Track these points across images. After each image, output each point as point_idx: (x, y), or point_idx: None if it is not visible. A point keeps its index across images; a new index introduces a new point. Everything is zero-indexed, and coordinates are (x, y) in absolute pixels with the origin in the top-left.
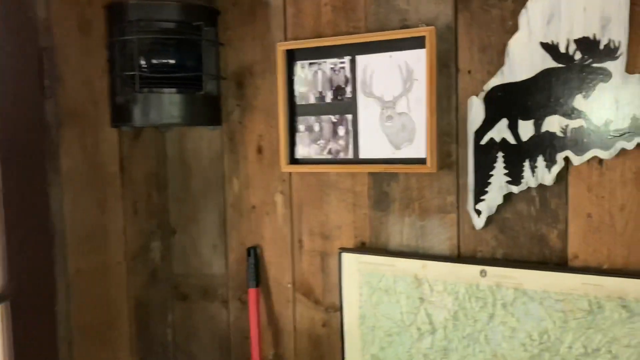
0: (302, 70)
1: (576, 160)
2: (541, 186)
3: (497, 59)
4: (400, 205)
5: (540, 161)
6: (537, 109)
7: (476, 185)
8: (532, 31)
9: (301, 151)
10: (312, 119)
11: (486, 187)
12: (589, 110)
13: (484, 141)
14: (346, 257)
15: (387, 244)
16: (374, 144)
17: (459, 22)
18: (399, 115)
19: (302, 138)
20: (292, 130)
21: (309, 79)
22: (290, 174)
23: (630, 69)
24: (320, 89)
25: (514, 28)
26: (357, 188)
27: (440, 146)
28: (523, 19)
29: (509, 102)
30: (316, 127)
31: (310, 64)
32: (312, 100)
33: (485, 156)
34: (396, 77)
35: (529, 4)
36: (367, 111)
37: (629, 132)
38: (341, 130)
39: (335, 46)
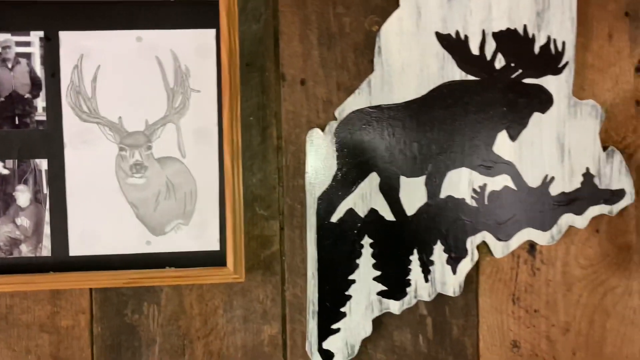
0: None
1: (498, 248)
2: (439, 298)
3: (358, 61)
4: (164, 351)
5: (439, 252)
6: (432, 156)
7: (323, 304)
8: (423, 12)
9: None
10: None
11: (342, 305)
12: (519, 160)
13: (336, 216)
14: None
15: None
16: (105, 224)
17: None
18: (161, 163)
19: None
20: None
21: None
22: None
23: (576, 90)
24: None
25: (389, 4)
26: (63, 322)
27: (249, 226)
28: None
29: (382, 142)
30: None
31: None
32: None
33: (339, 245)
34: (153, 82)
35: None
36: (86, 152)
37: (579, 199)
38: (23, 196)
39: (8, 5)
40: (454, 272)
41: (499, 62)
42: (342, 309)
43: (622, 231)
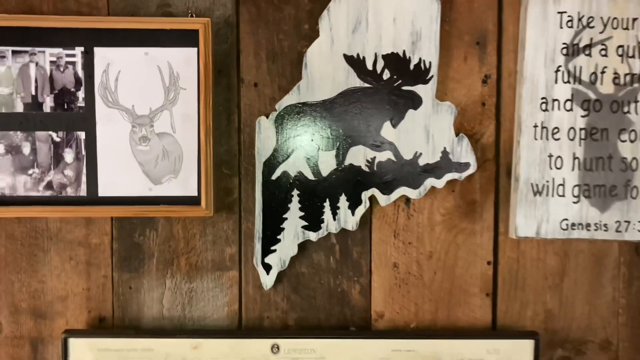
0: (1, 62)
1: (383, 200)
2: (343, 232)
3: (293, 72)
4: (159, 262)
5: (343, 201)
6: (340, 137)
7: (265, 233)
8: (335, 40)
9: None
10: (18, 135)
11: (278, 234)
12: (398, 141)
13: (275, 175)
14: (75, 343)
15: (139, 319)
16: (121, 175)
17: (241, 17)
18: (159, 137)
19: None
20: None
21: (13, 76)
22: None
23: (440, 95)
24: (33, 92)
25: (314, 33)
26: (93, 240)
27: (217, 181)
28: (325, 22)
29: (306, 127)
30: (26, 149)
31: (16, 52)
32: (18, 107)
33: (277, 195)
34: (155, 82)
35: (331, 5)
36: (110, 128)
37: (438, 168)
38: (69, 155)
39: (60, 30)
40: (353, 214)
41: (386, 75)
42: (278, 237)
43: (470, 191)
